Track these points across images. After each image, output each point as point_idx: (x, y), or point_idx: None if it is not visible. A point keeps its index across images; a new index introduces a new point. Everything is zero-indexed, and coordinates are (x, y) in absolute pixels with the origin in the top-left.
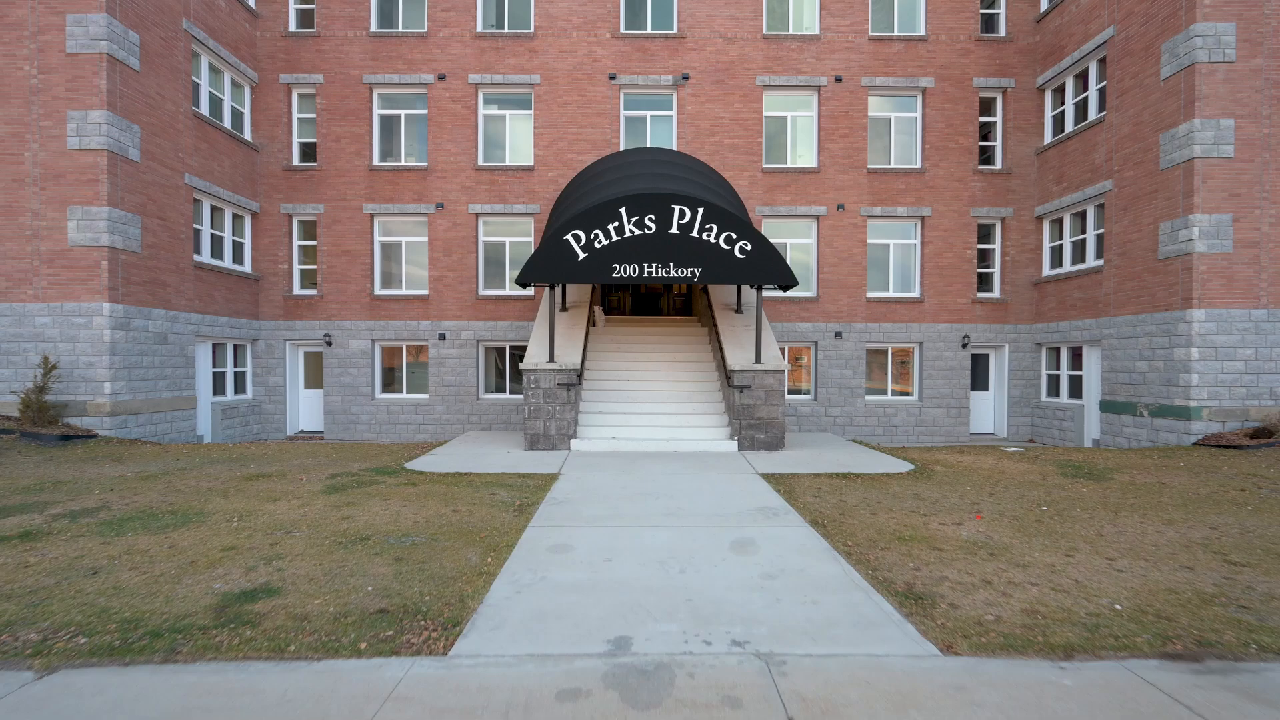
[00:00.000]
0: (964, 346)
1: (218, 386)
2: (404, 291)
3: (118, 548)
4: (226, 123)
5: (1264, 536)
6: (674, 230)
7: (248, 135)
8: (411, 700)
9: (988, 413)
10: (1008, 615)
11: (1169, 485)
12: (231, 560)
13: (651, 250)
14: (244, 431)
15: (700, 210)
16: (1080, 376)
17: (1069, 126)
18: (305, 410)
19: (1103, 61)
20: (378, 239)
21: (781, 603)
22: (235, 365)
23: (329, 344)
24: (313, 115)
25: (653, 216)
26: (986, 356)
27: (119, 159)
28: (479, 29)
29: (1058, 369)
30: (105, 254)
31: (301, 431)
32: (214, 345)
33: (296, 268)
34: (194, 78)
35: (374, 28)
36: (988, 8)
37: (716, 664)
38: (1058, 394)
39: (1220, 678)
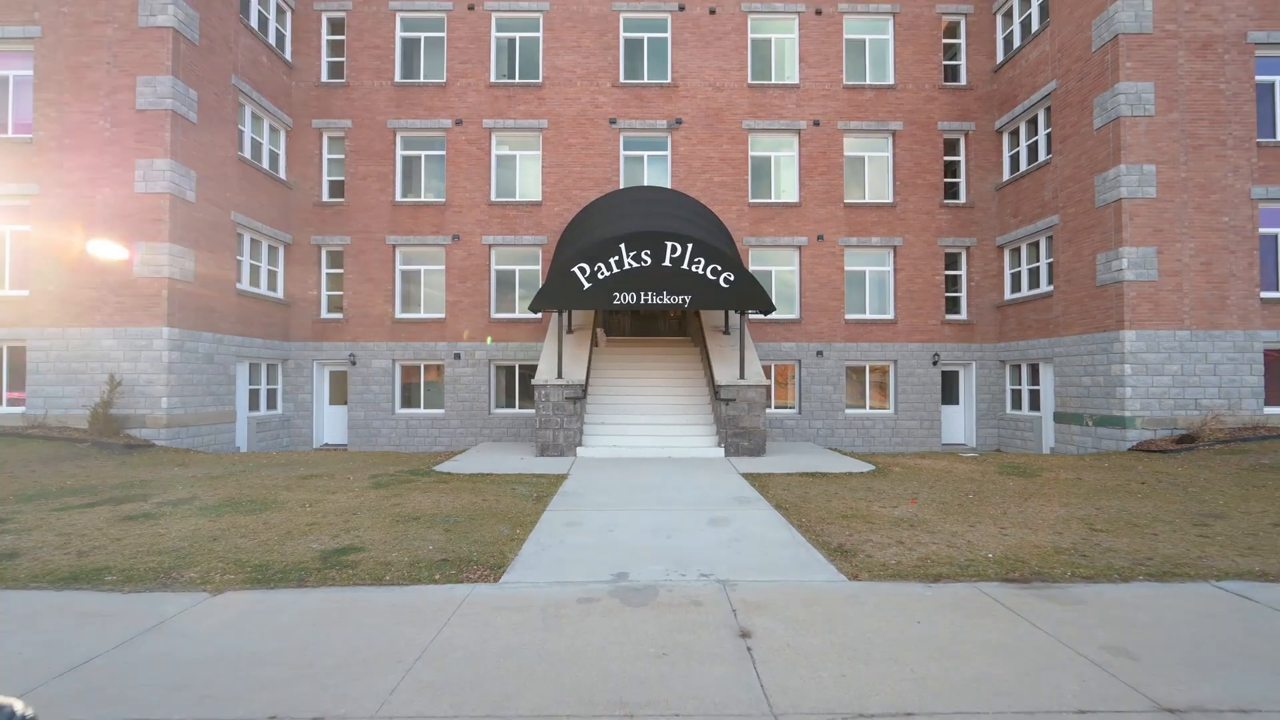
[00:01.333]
0: (935, 364)
1: (253, 402)
2: (422, 315)
3: (223, 524)
4: (265, 164)
5: (1132, 514)
6: (667, 263)
7: (283, 174)
8: (479, 604)
9: (959, 425)
10: (906, 560)
11: (1084, 480)
12: (317, 530)
13: (648, 281)
14: (275, 444)
15: (690, 246)
16: (1038, 391)
17: (1023, 166)
18: (330, 424)
19: (1049, 109)
20: (399, 267)
21: (740, 555)
22: (268, 383)
23: (353, 363)
24: (341, 156)
25: (648, 251)
26: (956, 373)
27: (178, 200)
28: (492, 79)
29: (1019, 384)
30: (165, 284)
31: (326, 444)
32: (250, 365)
33: (324, 294)
34: (239, 125)
35: (398, 78)
36: (950, 59)
37: (687, 586)
38: (1020, 407)
39: (1034, 589)
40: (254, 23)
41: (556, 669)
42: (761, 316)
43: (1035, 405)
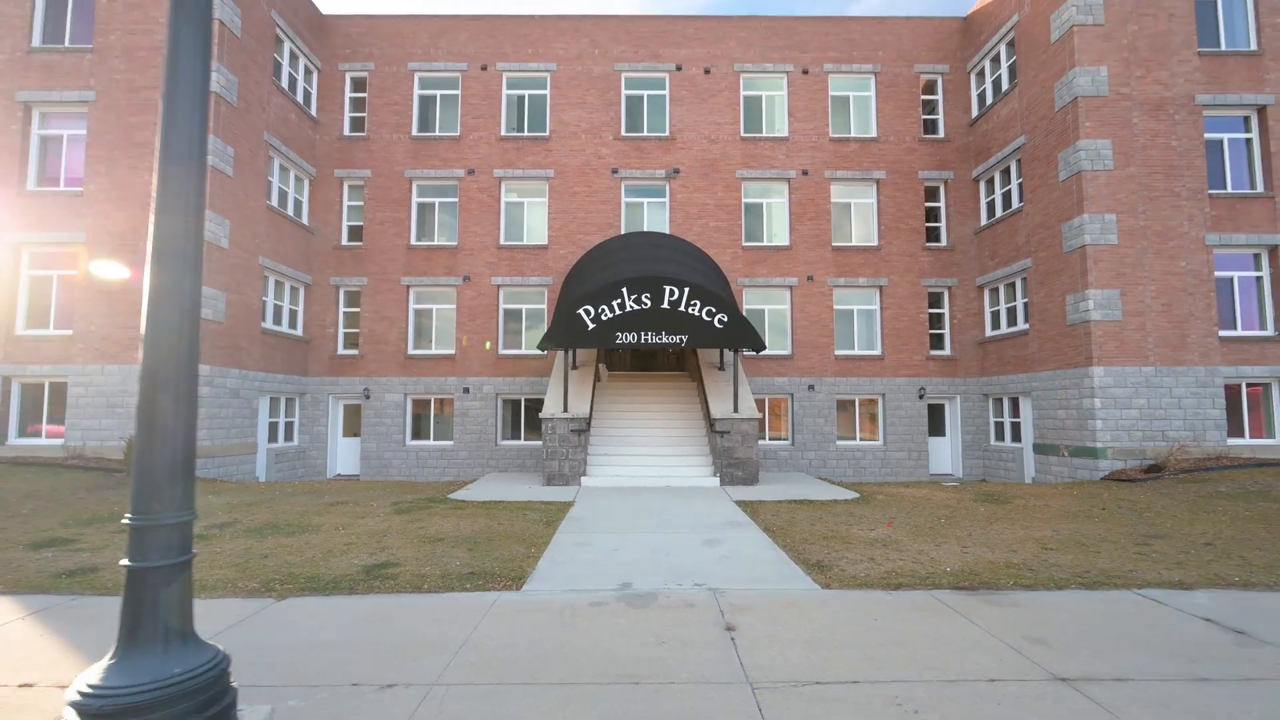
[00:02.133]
0: (921, 397)
1: (271, 434)
2: (433, 351)
3: (270, 544)
4: (290, 211)
5: (1084, 535)
6: (665, 306)
7: (305, 220)
8: (505, 607)
9: (946, 456)
10: (874, 573)
11: (1049, 506)
12: (355, 549)
13: (648, 321)
14: (290, 474)
15: (687, 289)
16: (1019, 423)
17: (998, 212)
18: (343, 455)
19: (1019, 161)
20: (412, 306)
21: (730, 569)
22: (286, 416)
23: (367, 397)
24: (360, 203)
25: (648, 294)
26: (942, 406)
27: (213, 247)
28: (503, 132)
29: (1001, 417)
30: (200, 325)
31: (339, 474)
32: (271, 398)
33: (341, 331)
34: (269, 177)
35: (415, 132)
36: (929, 114)
37: (683, 592)
38: (1003, 438)
39: (979, 595)
40: (284, 83)
41: (575, 653)
42: (754, 353)
43: (1017, 437)
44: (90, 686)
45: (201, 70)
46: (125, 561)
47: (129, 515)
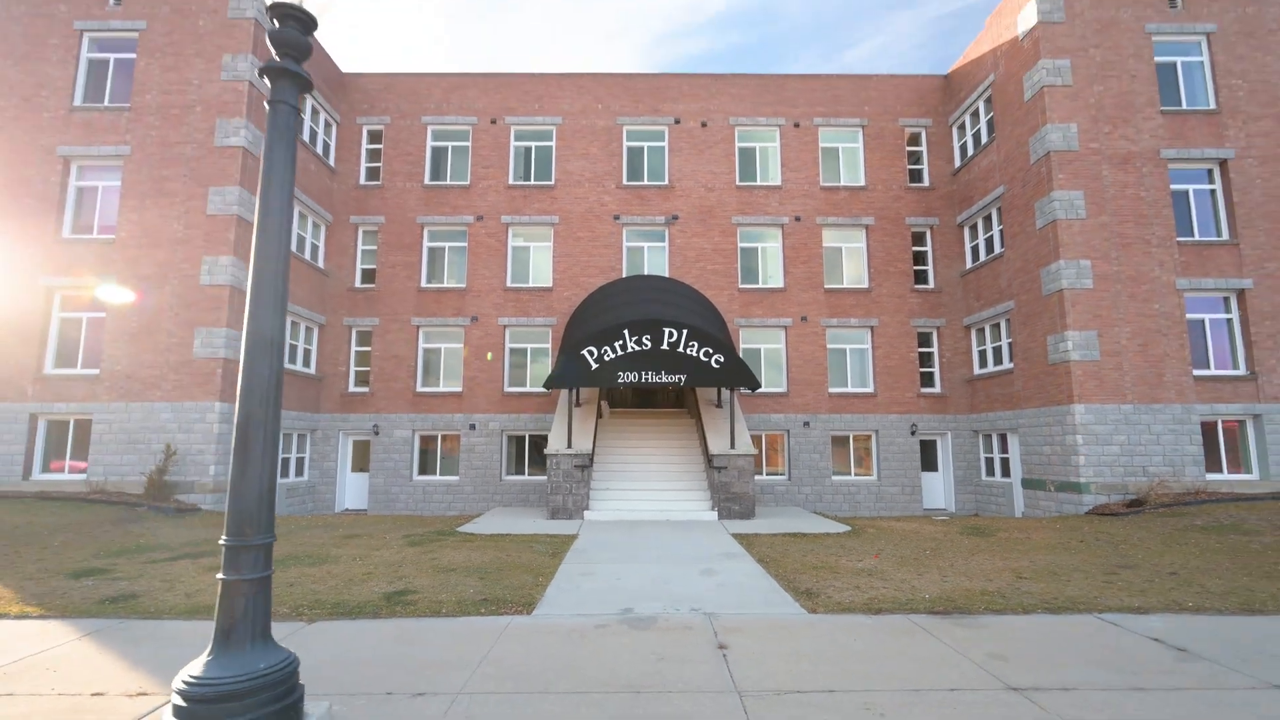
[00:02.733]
0: (913, 433)
1: (283, 470)
2: (441, 389)
3: (293, 574)
4: (307, 255)
5: (1058, 565)
6: (665, 347)
7: (321, 264)
8: (518, 629)
9: (939, 490)
10: (858, 599)
11: (1031, 539)
12: (374, 578)
13: (648, 361)
14: (300, 509)
15: (685, 331)
16: (1008, 459)
17: (982, 257)
18: (352, 490)
19: (1000, 209)
20: (422, 345)
21: (724, 596)
22: (297, 451)
23: (376, 433)
24: (374, 247)
25: (649, 336)
26: (934, 442)
27: (236, 291)
28: (511, 181)
29: (991, 452)
30: (220, 364)
31: (347, 509)
32: (283, 435)
33: (353, 369)
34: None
35: (427, 180)
36: (914, 164)
37: (680, 617)
38: (994, 474)
39: (952, 619)
40: (306, 136)
41: (582, 668)
42: (750, 391)
43: (1006, 472)
44: (193, 677)
45: (289, 175)
46: (220, 575)
47: (225, 538)
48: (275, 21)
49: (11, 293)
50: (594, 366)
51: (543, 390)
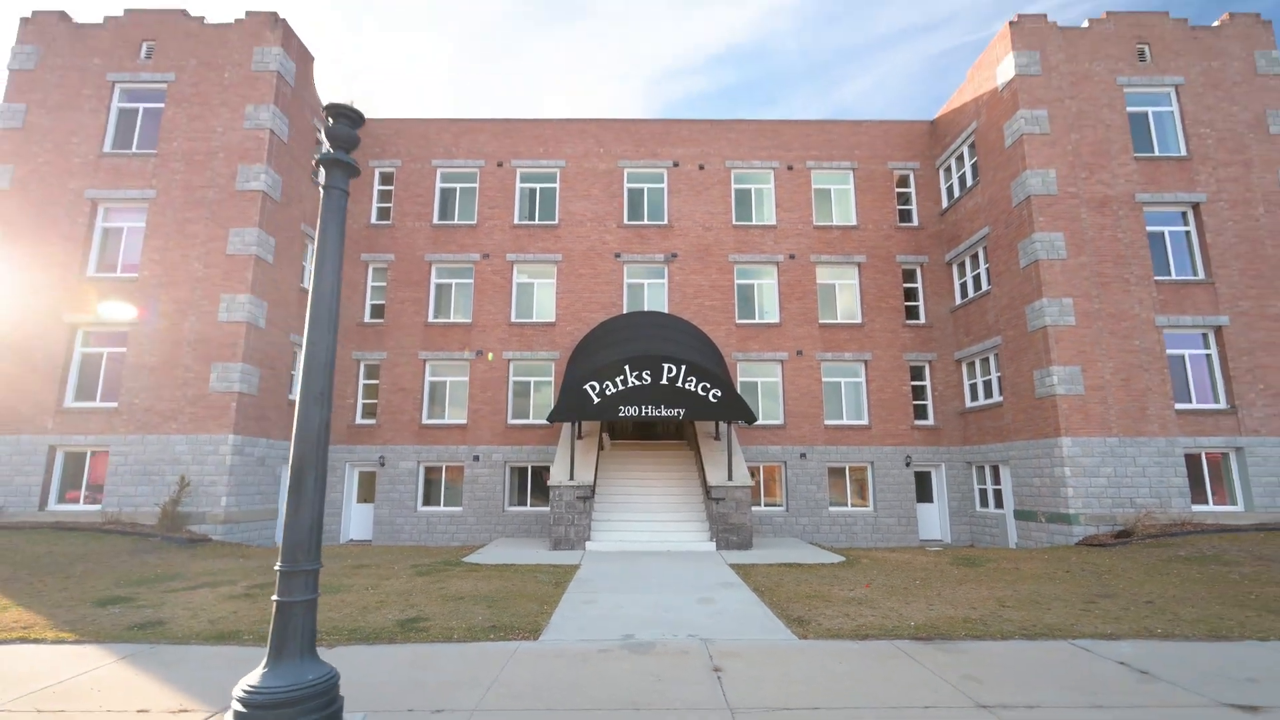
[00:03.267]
0: (908, 465)
1: None
2: (446, 421)
3: None
4: None
5: (1041, 594)
6: (664, 381)
7: None
8: (526, 653)
9: (934, 522)
10: (846, 626)
11: (1019, 570)
12: (387, 606)
13: (648, 396)
14: None
15: (683, 367)
16: (1001, 490)
17: (970, 293)
18: (356, 521)
19: (986, 248)
20: (428, 379)
21: (720, 623)
22: None
23: (382, 464)
24: (383, 284)
25: (649, 371)
26: (929, 473)
27: (252, 327)
28: (516, 221)
29: (985, 484)
30: (235, 398)
31: (352, 539)
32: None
33: (360, 402)
34: (303, 261)
35: (435, 220)
36: (903, 204)
37: (678, 642)
38: (988, 505)
39: (934, 644)
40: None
41: (587, 688)
42: (747, 425)
43: (1000, 503)
44: (251, 686)
45: (339, 250)
46: (275, 597)
47: (280, 564)
48: (330, 119)
49: (37, 330)
50: (596, 401)
51: (545, 422)
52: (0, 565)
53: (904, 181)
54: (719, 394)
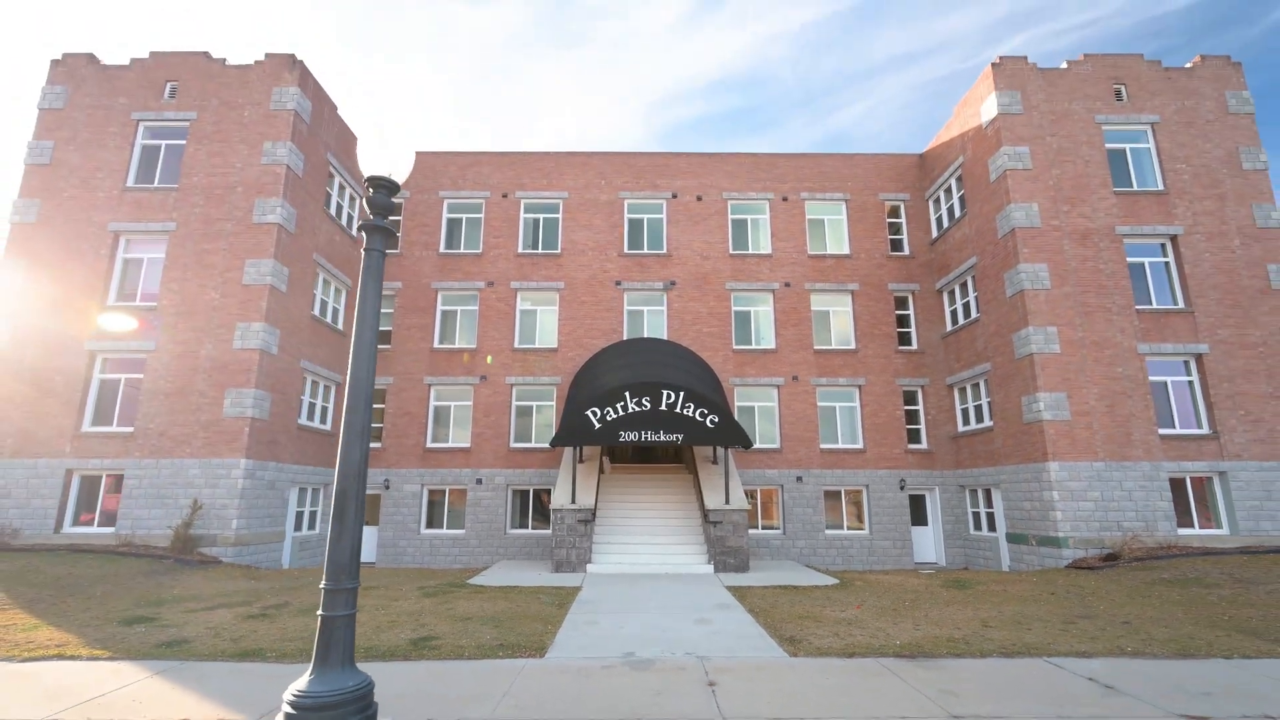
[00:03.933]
0: (902, 488)
1: (297, 523)
2: (450, 445)
3: None
4: (329, 319)
5: (1024, 615)
6: (663, 407)
7: (340, 326)
8: (534, 669)
9: (929, 544)
10: (836, 645)
11: (1007, 592)
12: (398, 626)
13: (648, 421)
14: (311, 561)
15: (682, 393)
16: (993, 513)
17: (960, 321)
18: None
19: (974, 277)
20: (432, 403)
21: (716, 642)
22: (311, 505)
23: (387, 487)
24: (391, 310)
25: (648, 398)
26: (923, 496)
27: (265, 354)
28: (520, 250)
29: (978, 507)
30: (247, 423)
31: None
32: (299, 489)
33: None
34: (314, 290)
35: (442, 249)
36: (895, 234)
37: (676, 659)
38: (981, 528)
39: (916, 661)
40: (332, 210)
41: (591, 700)
42: (744, 449)
43: (992, 526)
44: (299, 691)
45: (377, 307)
46: (320, 612)
47: (325, 582)
48: (370, 190)
49: (58, 356)
50: (597, 426)
51: (547, 446)
52: (24, 586)
53: (895, 212)
54: (716, 420)
